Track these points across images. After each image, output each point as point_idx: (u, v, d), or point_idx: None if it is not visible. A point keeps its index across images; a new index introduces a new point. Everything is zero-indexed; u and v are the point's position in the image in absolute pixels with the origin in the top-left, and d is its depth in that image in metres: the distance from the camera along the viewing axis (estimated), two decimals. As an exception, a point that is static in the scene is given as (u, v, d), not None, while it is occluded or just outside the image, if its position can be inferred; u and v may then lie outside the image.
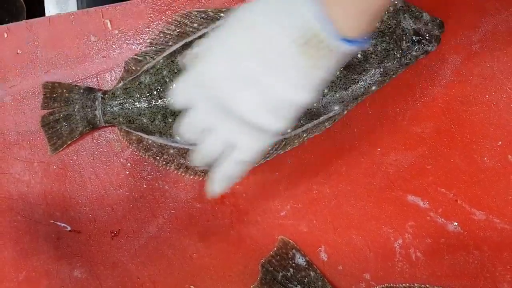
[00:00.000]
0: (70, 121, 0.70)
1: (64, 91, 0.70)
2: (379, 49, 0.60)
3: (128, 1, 0.73)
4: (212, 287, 0.69)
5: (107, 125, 0.70)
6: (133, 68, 0.69)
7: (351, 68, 0.60)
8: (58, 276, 0.73)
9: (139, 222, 0.70)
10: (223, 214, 0.69)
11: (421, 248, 0.62)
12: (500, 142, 0.60)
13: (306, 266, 0.66)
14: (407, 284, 0.62)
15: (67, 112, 0.70)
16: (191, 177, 0.69)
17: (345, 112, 0.63)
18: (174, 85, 0.53)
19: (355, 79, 0.60)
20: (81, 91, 0.70)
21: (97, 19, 0.73)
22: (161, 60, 0.67)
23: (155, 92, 0.66)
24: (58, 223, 0.73)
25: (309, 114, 0.62)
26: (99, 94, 0.69)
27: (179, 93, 0.50)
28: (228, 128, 0.48)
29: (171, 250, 0.70)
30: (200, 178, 0.68)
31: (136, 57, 0.70)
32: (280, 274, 0.66)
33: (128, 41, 0.72)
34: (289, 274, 0.66)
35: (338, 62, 0.45)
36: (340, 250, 0.65)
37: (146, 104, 0.66)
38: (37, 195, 0.74)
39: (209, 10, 0.67)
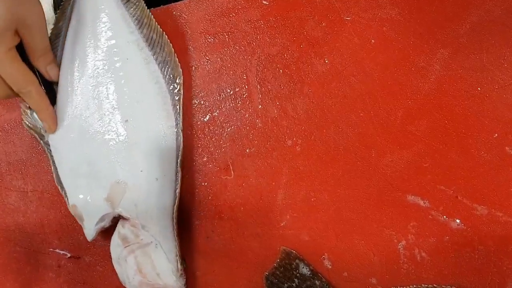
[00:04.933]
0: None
1: None
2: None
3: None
4: (218, 304, 0.69)
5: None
6: None
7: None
8: (62, 304, 0.72)
9: (138, 244, 0.69)
10: (223, 229, 0.68)
11: (425, 248, 0.61)
12: (496, 135, 0.59)
13: (311, 275, 0.65)
14: (414, 286, 0.61)
15: None
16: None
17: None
18: None
19: None
20: None
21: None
22: None
23: None
24: (57, 250, 0.72)
25: None
26: None
27: None
28: None
29: (173, 270, 0.69)
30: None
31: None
32: (285, 285, 0.65)
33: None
34: (294, 285, 0.65)
35: None
36: (343, 257, 0.64)
37: None
38: (34, 224, 0.73)
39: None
